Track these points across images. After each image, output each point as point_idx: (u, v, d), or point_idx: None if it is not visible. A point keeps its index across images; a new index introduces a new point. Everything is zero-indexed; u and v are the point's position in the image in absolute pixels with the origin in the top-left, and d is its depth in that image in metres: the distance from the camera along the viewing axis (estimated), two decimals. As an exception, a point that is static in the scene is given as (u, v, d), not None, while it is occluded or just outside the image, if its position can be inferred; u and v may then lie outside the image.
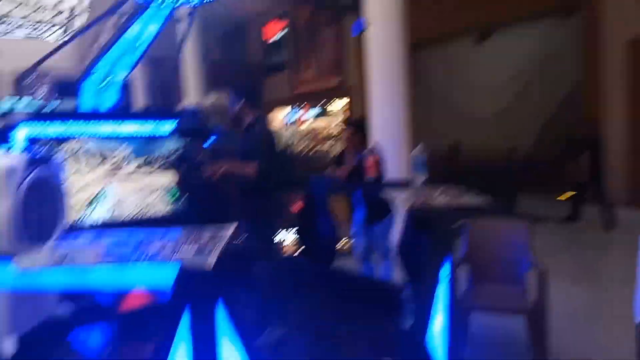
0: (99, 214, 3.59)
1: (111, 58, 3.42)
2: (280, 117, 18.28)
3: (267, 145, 2.91)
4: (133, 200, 3.71)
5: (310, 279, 3.73)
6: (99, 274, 1.25)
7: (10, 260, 1.21)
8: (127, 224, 3.62)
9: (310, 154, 16.18)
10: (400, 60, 5.85)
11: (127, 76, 3.73)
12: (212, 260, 1.20)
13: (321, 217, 3.80)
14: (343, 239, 5.18)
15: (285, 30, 16.68)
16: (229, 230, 1.49)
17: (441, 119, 12.39)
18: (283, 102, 17.00)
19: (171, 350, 1.27)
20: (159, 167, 3.72)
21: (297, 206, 3.97)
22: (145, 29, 3.24)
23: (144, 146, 3.67)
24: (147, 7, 3.10)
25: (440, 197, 2.34)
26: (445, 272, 2.27)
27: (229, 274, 1.49)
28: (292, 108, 17.24)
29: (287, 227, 4.49)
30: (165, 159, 2.94)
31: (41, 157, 2.67)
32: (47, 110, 3.32)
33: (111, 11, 3.36)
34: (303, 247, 4.10)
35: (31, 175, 2.54)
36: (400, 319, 2.73)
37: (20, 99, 3.66)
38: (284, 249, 4.64)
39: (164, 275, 1.26)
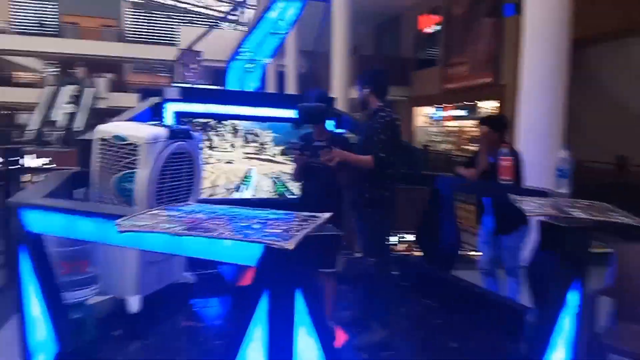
0: (240, 194, 3.88)
1: (254, 41, 3.59)
2: (426, 113, 17.85)
3: (386, 136, 2.77)
4: (266, 183, 3.93)
5: (423, 283, 3.53)
6: (187, 244, 1.27)
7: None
8: (249, 203, 3.82)
9: (454, 154, 15.51)
10: (561, 58, 5.20)
11: (268, 60, 3.88)
12: (292, 244, 1.15)
13: (444, 219, 3.56)
14: (466, 247, 4.83)
15: (439, 24, 16.16)
16: (323, 218, 1.43)
17: (604, 125, 10.78)
18: (431, 98, 16.54)
19: (247, 334, 1.26)
20: (288, 152, 3.88)
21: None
22: (284, 13, 3.33)
23: (282, 131, 3.85)
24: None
25: (584, 213, 1.98)
26: (575, 300, 1.93)
27: (317, 264, 1.43)
28: (440, 104, 16.70)
29: (404, 224, 4.31)
30: (292, 145, 3.00)
31: (183, 131, 2.91)
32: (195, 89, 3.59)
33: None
34: (420, 248, 3.89)
35: (171, 147, 2.80)
36: (516, 343, 2.42)
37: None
38: (398, 248, 4.48)
39: (250, 255, 1.25)
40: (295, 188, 3.91)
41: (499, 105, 13.25)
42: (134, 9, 38.29)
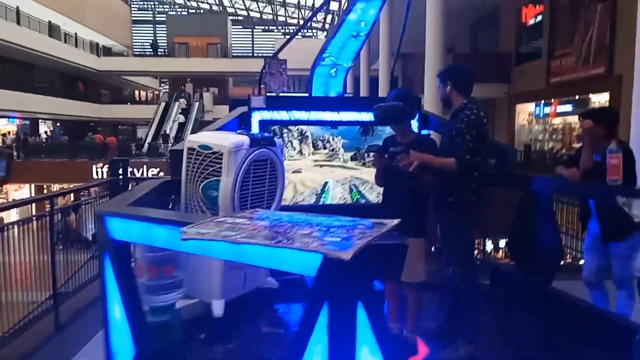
0: (320, 200, 3.89)
1: (336, 45, 3.57)
2: (529, 110, 16.70)
3: (471, 136, 2.56)
4: (338, 190, 3.88)
5: (518, 295, 3.24)
6: (249, 252, 1.26)
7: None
8: (329, 209, 3.80)
9: (561, 153, 14.32)
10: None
11: (352, 62, 3.85)
12: (350, 253, 1.09)
13: (542, 224, 3.24)
14: (568, 255, 4.36)
15: (542, 14, 15.04)
16: (389, 225, 1.35)
17: None
18: (534, 94, 15.45)
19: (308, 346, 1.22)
20: (365, 158, 3.80)
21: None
22: (365, 14, 3.27)
23: (350, 136, 3.79)
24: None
25: None
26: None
27: (379, 275, 1.35)
28: (544, 100, 15.53)
29: (496, 229, 4.00)
30: (369, 147, 2.91)
31: (265, 138, 2.97)
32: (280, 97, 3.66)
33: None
34: (513, 255, 3.58)
35: (254, 154, 2.87)
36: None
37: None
38: (490, 254, 4.16)
39: (310, 264, 1.21)
40: (371, 193, 3.84)
41: (610, 98, 12.00)
42: (237, 25, 40.68)
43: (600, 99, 13.15)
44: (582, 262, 3.55)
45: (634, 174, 2.87)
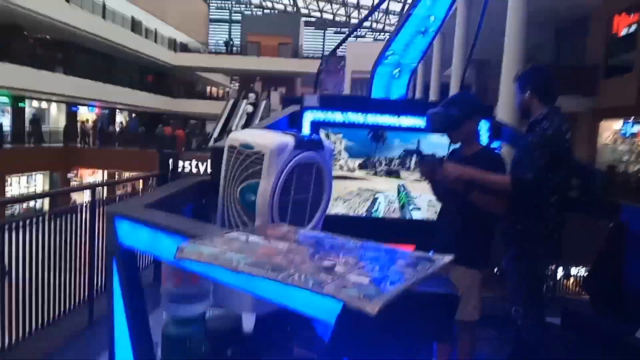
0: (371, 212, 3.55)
1: (401, 42, 3.24)
2: (615, 128, 15.35)
3: (543, 152, 2.14)
4: (384, 203, 3.51)
5: (595, 341, 2.75)
6: (254, 281, 1.00)
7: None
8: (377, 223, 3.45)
9: (648, 176, 13.03)
10: None
11: (418, 63, 3.50)
12: (378, 305, 0.79)
13: (633, 262, 2.74)
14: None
15: (637, 24, 13.77)
16: (438, 264, 1.03)
17: None
18: (623, 110, 14.17)
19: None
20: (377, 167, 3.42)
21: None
22: (434, 6, 2.92)
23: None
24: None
25: None
26: None
27: (419, 334, 1.02)
28: (634, 117, 14.21)
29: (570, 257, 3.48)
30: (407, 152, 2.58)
31: (312, 141, 2.70)
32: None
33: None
34: (594, 295, 3.07)
35: (299, 157, 2.61)
36: None
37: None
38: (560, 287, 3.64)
39: (327, 308, 0.93)
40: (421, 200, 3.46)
41: None
42: (309, 26, 41.05)
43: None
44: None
45: None
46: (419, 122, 3.24)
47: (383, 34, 38.08)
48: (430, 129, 2.53)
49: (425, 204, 3.47)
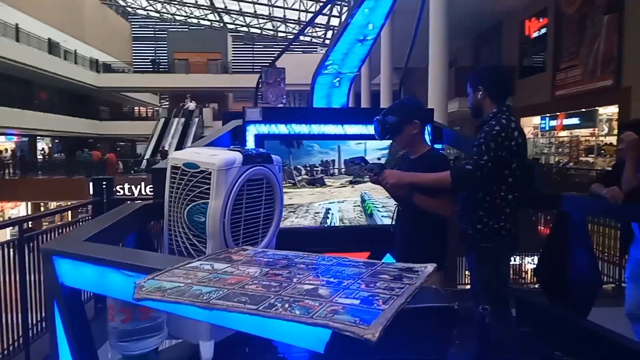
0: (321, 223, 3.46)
1: (340, 51, 3.22)
2: (534, 124, 16.39)
3: (488, 147, 2.16)
4: (337, 214, 3.45)
5: (549, 330, 2.84)
6: (228, 315, 0.88)
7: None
8: (334, 232, 3.39)
9: (568, 167, 13.98)
10: None
11: (358, 71, 3.50)
12: (375, 332, 0.72)
13: (577, 250, 2.86)
14: (613, 283, 3.96)
15: (546, 27, 14.83)
16: (423, 274, 0.97)
17: None
18: (539, 107, 15.15)
19: None
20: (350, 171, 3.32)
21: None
22: (373, 14, 2.93)
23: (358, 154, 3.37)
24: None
25: None
26: None
27: (418, 353, 0.95)
28: (549, 113, 15.24)
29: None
30: (350, 160, 2.56)
31: (261, 155, 2.61)
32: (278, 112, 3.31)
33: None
34: (545, 285, 3.18)
35: (248, 173, 2.50)
36: None
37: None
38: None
39: (315, 337, 0.83)
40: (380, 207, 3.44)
41: (619, 110, 11.70)
42: (237, 41, 40.75)
43: (608, 112, 12.86)
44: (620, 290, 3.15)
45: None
46: (366, 129, 3.23)
47: (312, 46, 38.52)
48: (378, 136, 2.52)
49: (351, 207, 3.42)
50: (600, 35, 12.05)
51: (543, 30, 15.20)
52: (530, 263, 6.35)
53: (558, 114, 14.87)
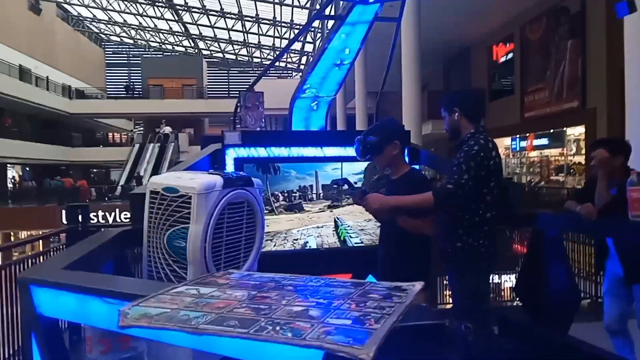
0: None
1: (317, 76, 3.27)
2: (506, 144, 16.81)
3: (468, 166, 2.21)
4: (316, 241, 3.44)
5: (532, 351, 2.85)
6: (218, 340, 0.87)
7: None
8: (317, 254, 3.38)
9: (540, 186, 14.33)
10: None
11: (335, 95, 3.55)
12: (369, 351, 0.71)
13: (554, 266, 2.91)
14: (587, 299, 4.04)
15: (513, 52, 15.37)
16: (412, 292, 0.98)
17: None
18: (509, 129, 15.57)
19: None
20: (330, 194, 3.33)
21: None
22: (349, 39, 3.00)
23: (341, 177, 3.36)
24: (345, 19, 2.85)
25: None
26: None
27: None
28: (519, 135, 15.68)
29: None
30: (333, 182, 2.59)
31: (241, 178, 2.60)
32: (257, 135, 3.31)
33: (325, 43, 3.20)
34: (525, 304, 3.22)
35: (228, 197, 2.48)
36: None
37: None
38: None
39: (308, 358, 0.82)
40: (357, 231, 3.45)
41: (586, 131, 12.12)
42: (212, 67, 40.91)
43: (575, 132, 13.29)
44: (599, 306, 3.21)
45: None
46: (345, 151, 3.26)
47: (288, 72, 38.93)
48: (359, 156, 2.55)
49: (330, 231, 3.42)
50: (565, 59, 12.54)
51: (510, 55, 15.73)
52: (507, 281, 6.43)
53: (528, 134, 15.30)
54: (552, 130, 14.02)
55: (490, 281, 2.72)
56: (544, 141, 14.72)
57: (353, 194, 2.45)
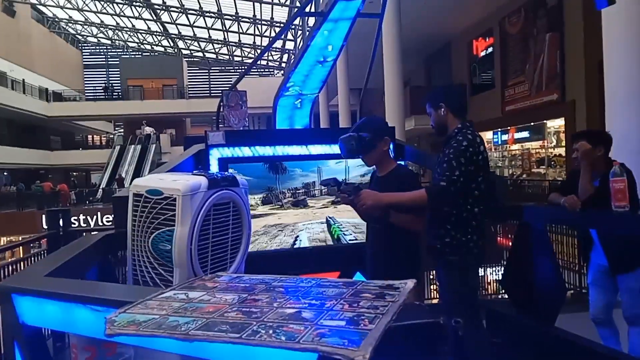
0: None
1: (301, 73, 3.24)
2: (488, 138, 16.99)
3: (458, 162, 2.21)
4: (306, 235, 3.44)
5: (518, 338, 2.89)
6: (210, 346, 0.85)
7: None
8: (304, 253, 3.36)
9: (522, 178, 14.51)
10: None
11: (319, 92, 3.53)
12: (368, 351, 0.70)
13: (539, 258, 2.94)
14: (571, 290, 4.10)
15: (493, 46, 15.53)
16: (404, 290, 0.96)
17: None
18: (490, 123, 15.73)
19: None
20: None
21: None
22: (331, 36, 2.98)
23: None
24: (327, 16, 2.83)
25: None
26: None
27: None
28: (500, 128, 15.86)
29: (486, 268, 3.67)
30: (325, 181, 2.58)
31: (226, 178, 2.56)
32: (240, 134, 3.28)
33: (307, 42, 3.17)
34: (512, 295, 3.25)
35: (214, 198, 2.45)
36: None
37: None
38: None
39: None
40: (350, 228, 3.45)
41: (565, 123, 12.31)
42: (193, 67, 40.50)
43: (555, 124, 13.49)
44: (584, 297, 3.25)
45: (636, 198, 2.62)
46: (330, 149, 3.24)
47: (269, 70, 38.74)
48: (345, 154, 2.53)
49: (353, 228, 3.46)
50: (544, 52, 12.70)
51: (490, 50, 15.88)
52: (492, 274, 6.49)
53: (509, 128, 15.48)
54: (532, 123, 14.20)
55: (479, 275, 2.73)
56: (524, 134, 14.91)
57: (345, 191, 2.40)
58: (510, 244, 3.20)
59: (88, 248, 1.88)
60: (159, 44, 39.16)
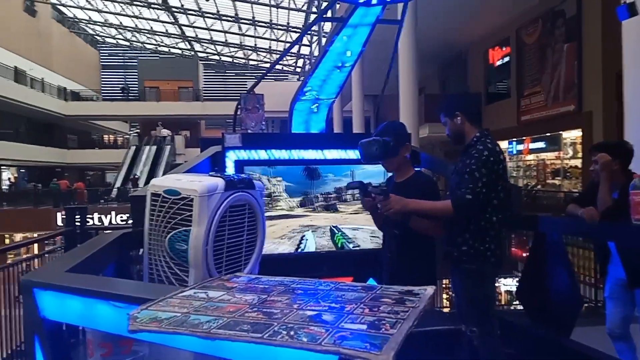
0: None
1: (318, 78, 3.26)
2: (502, 148, 16.85)
3: (480, 173, 2.19)
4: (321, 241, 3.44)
5: (534, 351, 2.85)
6: (229, 345, 0.85)
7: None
8: (318, 257, 3.36)
9: (537, 189, 14.36)
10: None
11: (335, 97, 3.54)
12: (390, 355, 0.70)
13: (556, 270, 2.91)
14: (586, 303, 4.02)
15: (509, 55, 15.43)
16: (424, 297, 0.96)
17: None
18: (505, 132, 15.61)
19: None
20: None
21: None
22: (351, 42, 2.99)
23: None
24: (347, 21, 2.84)
25: None
26: None
27: None
28: (515, 138, 15.72)
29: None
30: (350, 185, 2.58)
31: (243, 180, 2.58)
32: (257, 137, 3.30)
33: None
34: (528, 308, 3.21)
35: (230, 199, 2.47)
36: None
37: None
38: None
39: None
40: (357, 237, 3.45)
41: (582, 134, 12.17)
42: (208, 69, 40.88)
43: (571, 136, 13.34)
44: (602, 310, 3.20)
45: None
46: (346, 154, 3.25)
47: (284, 74, 38.94)
48: (366, 159, 2.53)
49: (367, 236, 3.46)
50: (561, 62, 12.59)
51: (506, 59, 15.78)
52: (504, 285, 6.41)
53: (524, 138, 15.33)
54: (548, 134, 14.06)
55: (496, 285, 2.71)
56: (540, 145, 14.76)
57: (378, 194, 2.38)
58: (524, 254, 3.16)
59: (106, 246, 1.90)
60: (176, 46, 39.61)
